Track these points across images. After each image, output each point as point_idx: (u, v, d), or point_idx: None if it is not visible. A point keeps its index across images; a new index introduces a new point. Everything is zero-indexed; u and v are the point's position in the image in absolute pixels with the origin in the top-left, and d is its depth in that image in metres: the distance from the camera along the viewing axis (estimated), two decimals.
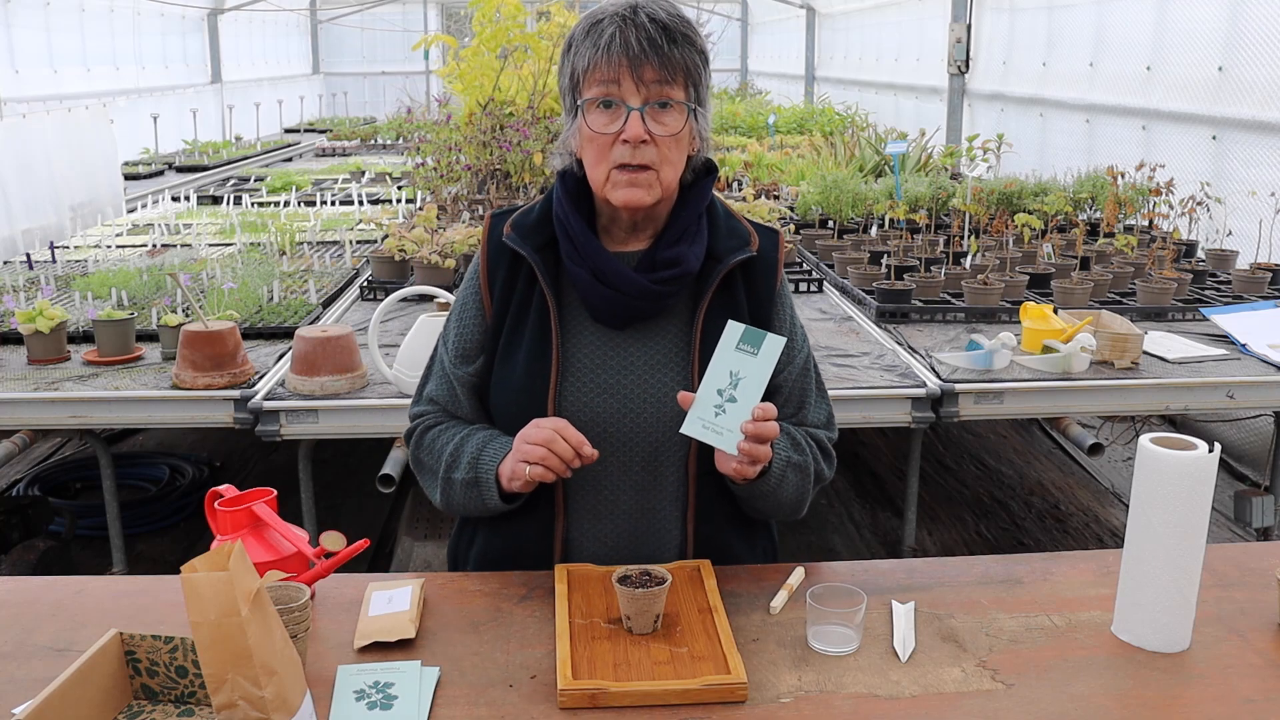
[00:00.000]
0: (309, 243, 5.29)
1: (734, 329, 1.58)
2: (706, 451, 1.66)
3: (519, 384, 1.71)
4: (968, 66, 9.05)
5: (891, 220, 5.07)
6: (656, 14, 1.60)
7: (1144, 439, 1.52)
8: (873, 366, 3.34)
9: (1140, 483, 1.52)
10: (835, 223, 5.35)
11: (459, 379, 1.78)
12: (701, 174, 1.74)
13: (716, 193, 1.80)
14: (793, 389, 1.79)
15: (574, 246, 1.68)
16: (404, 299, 3.64)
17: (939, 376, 3.21)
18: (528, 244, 1.70)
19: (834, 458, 1.83)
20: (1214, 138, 5.50)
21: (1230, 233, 4.74)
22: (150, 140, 9.20)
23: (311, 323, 3.75)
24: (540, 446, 1.59)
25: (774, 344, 1.57)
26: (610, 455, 1.70)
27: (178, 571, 1.27)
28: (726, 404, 1.56)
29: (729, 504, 1.76)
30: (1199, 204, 4.63)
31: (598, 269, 1.66)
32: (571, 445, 1.59)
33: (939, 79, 9.44)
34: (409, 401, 1.91)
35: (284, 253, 4.98)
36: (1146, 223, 5.00)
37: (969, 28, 8.96)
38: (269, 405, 3.04)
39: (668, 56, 1.59)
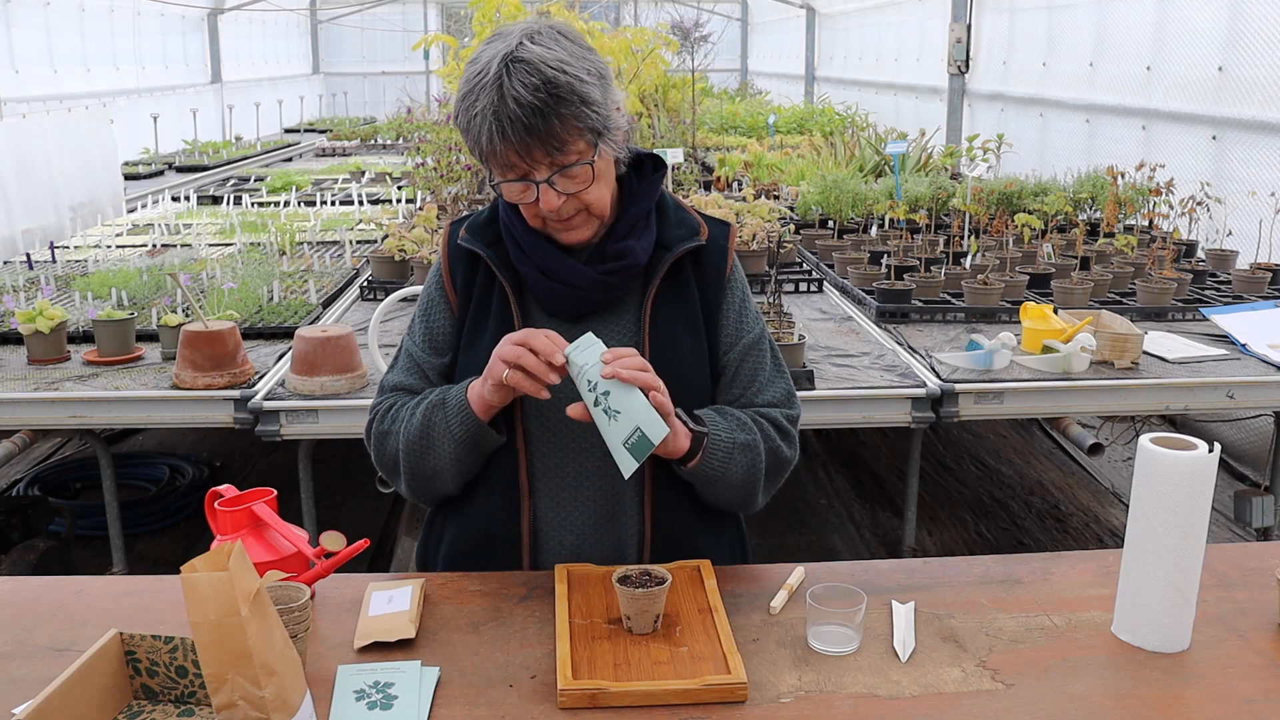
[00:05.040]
0: (309, 243, 5.29)
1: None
2: None
3: (485, 367, 1.72)
4: (968, 66, 9.05)
5: (891, 220, 5.07)
6: (521, 96, 1.54)
7: (1144, 439, 1.52)
8: (873, 366, 3.34)
9: (1140, 483, 1.52)
10: (835, 223, 5.35)
11: (433, 367, 1.81)
12: (649, 170, 1.78)
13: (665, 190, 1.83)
14: (738, 369, 1.81)
15: (520, 249, 1.73)
16: (404, 299, 3.63)
17: (939, 376, 3.21)
18: (480, 241, 1.76)
19: (794, 436, 1.82)
20: (1214, 138, 5.50)
21: (1230, 233, 4.74)
22: (150, 140, 9.20)
23: (311, 323, 3.75)
24: (515, 348, 1.60)
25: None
26: (571, 442, 1.75)
27: (178, 571, 1.27)
28: (601, 397, 1.55)
29: (688, 492, 1.78)
30: (1199, 204, 4.63)
31: (546, 267, 1.71)
32: (541, 355, 1.58)
33: (939, 79, 9.44)
34: None
35: (284, 253, 4.98)
36: (1146, 223, 5.00)
37: (969, 28, 8.95)
38: (269, 405, 3.04)
39: (549, 134, 1.57)
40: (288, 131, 12.69)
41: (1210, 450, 1.48)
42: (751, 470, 1.73)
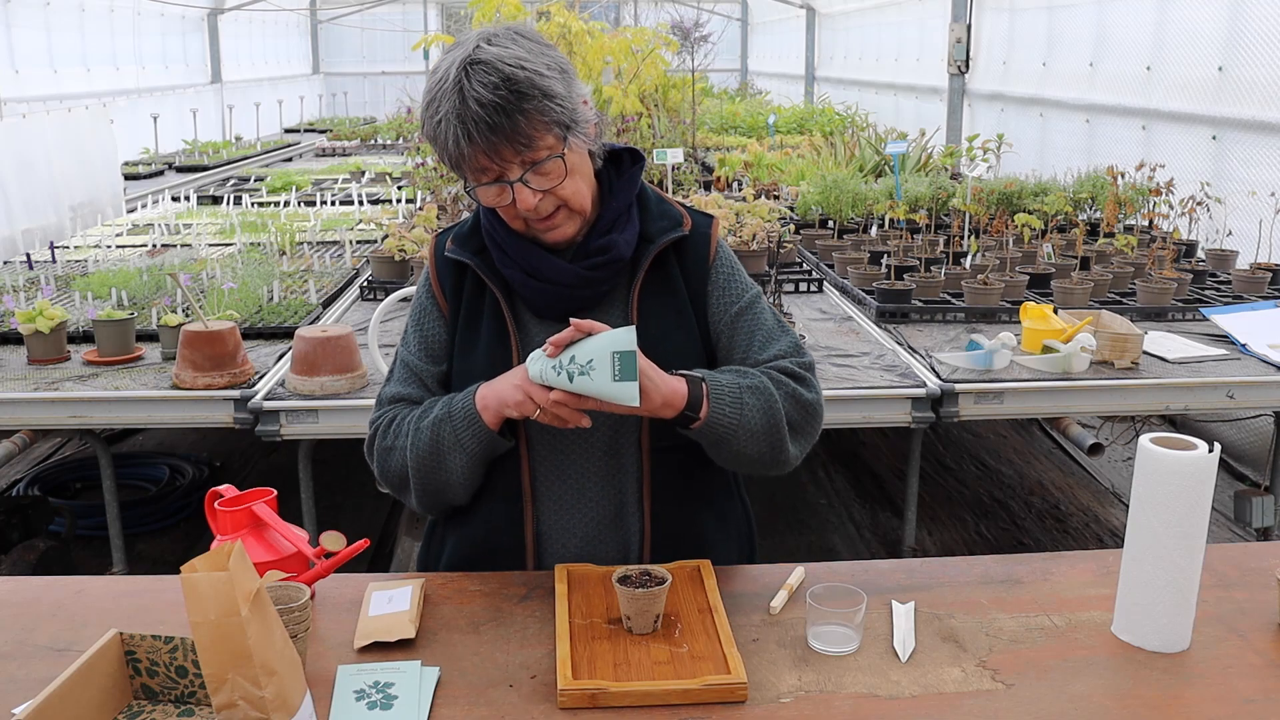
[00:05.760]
0: (309, 243, 5.29)
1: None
2: (660, 428, 1.68)
3: (481, 372, 1.73)
4: (968, 66, 9.05)
5: (891, 220, 5.07)
6: (482, 96, 1.54)
7: (1144, 439, 1.52)
8: (873, 366, 3.34)
9: (1140, 483, 1.52)
10: (835, 223, 5.35)
11: (431, 375, 1.80)
12: (628, 164, 1.77)
13: (647, 183, 1.83)
14: (734, 333, 1.79)
15: (504, 253, 1.73)
16: (404, 299, 3.63)
17: (939, 376, 3.21)
18: (467, 251, 1.76)
19: (811, 381, 1.78)
20: (1214, 138, 5.49)
21: (1230, 233, 4.74)
22: (150, 140, 9.20)
23: (311, 323, 3.75)
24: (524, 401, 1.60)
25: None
26: (573, 445, 1.74)
27: (178, 571, 1.27)
28: (568, 367, 1.54)
29: (688, 480, 1.77)
30: (1199, 204, 4.63)
31: (531, 268, 1.71)
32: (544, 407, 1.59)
33: (939, 79, 9.44)
34: None
35: (284, 253, 4.98)
36: (1146, 223, 5.00)
37: (969, 28, 8.95)
38: (269, 405, 3.04)
39: (514, 131, 1.56)
40: (288, 131, 12.69)
41: (1210, 450, 1.48)
42: (770, 415, 1.68)
